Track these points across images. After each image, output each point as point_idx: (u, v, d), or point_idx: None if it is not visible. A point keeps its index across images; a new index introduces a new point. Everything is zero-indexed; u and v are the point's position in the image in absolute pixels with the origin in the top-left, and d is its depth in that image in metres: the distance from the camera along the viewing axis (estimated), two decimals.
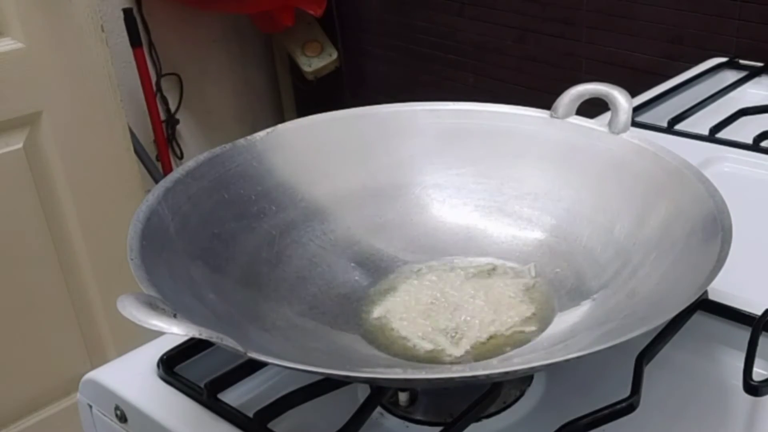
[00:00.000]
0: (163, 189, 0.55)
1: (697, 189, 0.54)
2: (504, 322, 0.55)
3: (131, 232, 0.50)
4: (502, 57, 1.57)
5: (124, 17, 1.62)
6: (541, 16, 1.47)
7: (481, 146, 0.65)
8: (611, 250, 0.57)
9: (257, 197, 0.60)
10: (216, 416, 0.51)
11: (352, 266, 0.60)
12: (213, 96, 1.94)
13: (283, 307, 0.56)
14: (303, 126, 0.65)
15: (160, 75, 1.79)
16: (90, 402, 0.58)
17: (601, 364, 0.54)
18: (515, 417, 0.51)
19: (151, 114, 1.73)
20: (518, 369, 0.46)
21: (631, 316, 0.50)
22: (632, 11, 1.32)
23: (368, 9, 1.81)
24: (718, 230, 0.49)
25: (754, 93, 1.01)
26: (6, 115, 1.13)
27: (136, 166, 1.32)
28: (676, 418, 0.51)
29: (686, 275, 0.48)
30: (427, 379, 0.50)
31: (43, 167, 1.18)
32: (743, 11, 1.17)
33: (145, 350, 0.58)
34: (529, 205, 0.63)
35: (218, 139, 1.84)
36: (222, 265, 0.55)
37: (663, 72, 1.22)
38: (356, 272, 0.60)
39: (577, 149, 0.62)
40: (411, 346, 0.54)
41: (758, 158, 0.82)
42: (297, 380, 0.50)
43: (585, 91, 0.63)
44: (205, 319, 0.48)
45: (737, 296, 0.56)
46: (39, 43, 1.14)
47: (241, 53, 1.94)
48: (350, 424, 0.47)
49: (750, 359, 0.50)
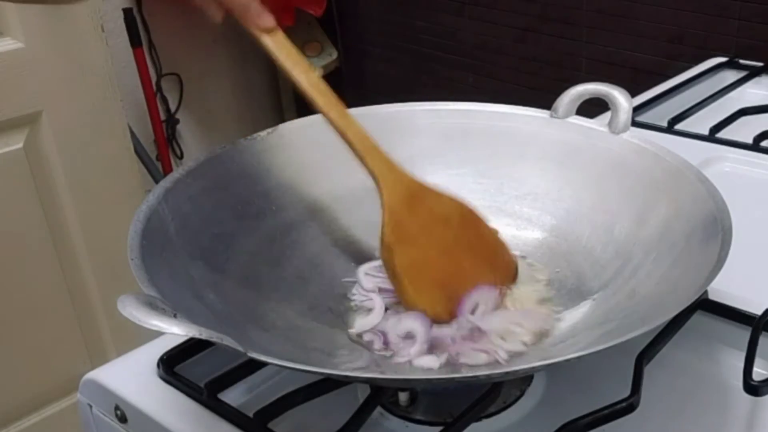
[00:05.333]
0: (163, 189, 0.55)
1: (697, 189, 0.54)
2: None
3: (131, 232, 0.50)
4: (502, 57, 1.57)
5: (124, 17, 1.62)
6: (541, 16, 1.47)
7: (481, 146, 0.65)
8: (611, 250, 0.57)
9: (257, 197, 0.60)
10: (216, 416, 0.51)
11: (352, 266, 0.60)
12: (213, 96, 1.94)
13: (283, 307, 0.56)
14: (303, 126, 0.65)
15: (160, 75, 1.79)
16: (90, 402, 0.58)
17: (601, 364, 0.54)
18: (515, 417, 0.51)
19: (151, 114, 1.73)
20: (518, 369, 0.46)
21: (631, 316, 0.50)
22: (632, 11, 1.32)
23: (368, 9, 1.81)
24: (718, 230, 0.49)
25: (754, 93, 1.01)
26: (6, 115, 1.13)
27: (136, 166, 1.32)
28: (676, 418, 0.51)
29: (686, 275, 0.48)
30: (427, 379, 0.50)
31: (43, 167, 1.18)
32: (743, 11, 1.17)
33: (145, 350, 0.58)
34: (529, 205, 0.63)
35: (218, 139, 1.84)
36: (222, 265, 0.55)
37: (663, 72, 1.22)
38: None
39: (577, 149, 0.62)
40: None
41: (758, 158, 0.82)
42: (297, 380, 0.50)
43: (585, 91, 0.63)
44: (205, 319, 0.48)
45: (737, 296, 0.56)
46: (39, 43, 1.14)
47: (241, 53, 1.94)
48: (350, 424, 0.47)
49: (750, 359, 0.50)
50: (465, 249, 0.57)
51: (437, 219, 0.56)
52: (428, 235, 0.56)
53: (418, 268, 0.54)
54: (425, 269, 0.54)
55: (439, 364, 0.50)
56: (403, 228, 0.55)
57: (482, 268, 0.56)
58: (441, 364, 0.50)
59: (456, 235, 0.56)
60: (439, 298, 0.54)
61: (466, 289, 0.54)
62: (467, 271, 0.56)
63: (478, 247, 0.57)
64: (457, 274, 0.55)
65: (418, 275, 0.54)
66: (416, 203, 0.55)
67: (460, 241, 0.57)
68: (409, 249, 0.54)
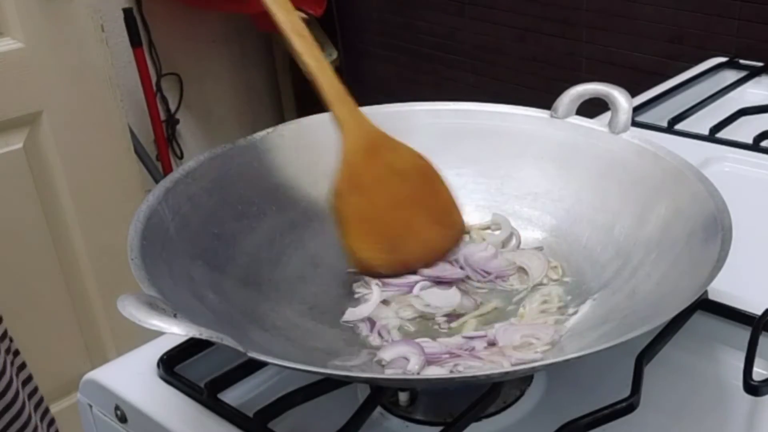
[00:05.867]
0: (163, 189, 0.55)
1: (697, 189, 0.54)
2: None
3: (131, 232, 0.50)
4: (502, 57, 1.57)
5: (124, 17, 1.62)
6: (541, 16, 1.47)
7: (481, 146, 0.65)
8: (611, 250, 0.57)
9: (257, 197, 0.60)
10: (216, 416, 0.51)
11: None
12: (213, 96, 1.94)
13: (283, 307, 0.56)
14: (303, 126, 0.65)
15: (160, 75, 1.79)
16: (90, 402, 0.58)
17: (601, 364, 0.54)
18: (515, 417, 0.51)
19: (151, 114, 1.73)
20: (518, 369, 0.46)
21: (631, 316, 0.50)
22: (632, 11, 1.32)
23: (368, 9, 1.81)
24: (718, 230, 0.49)
25: (754, 93, 1.01)
26: (6, 115, 1.13)
27: (136, 166, 1.33)
28: (676, 418, 0.51)
29: (686, 275, 0.48)
30: (427, 379, 0.50)
31: (43, 167, 1.18)
32: (743, 11, 1.17)
33: (145, 350, 0.58)
34: (529, 205, 0.63)
35: (218, 139, 1.84)
36: (222, 265, 0.55)
37: (663, 72, 1.22)
38: (356, 272, 0.60)
39: (577, 149, 0.62)
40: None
41: (758, 158, 0.82)
42: (297, 380, 0.50)
43: (585, 91, 0.63)
44: (205, 319, 0.48)
45: (737, 296, 0.56)
46: (39, 43, 1.14)
47: (241, 53, 1.94)
48: (350, 424, 0.47)
49: (750, 359, 0.50)
50: (416, 204, 0.58)
51: (393, 172, 0.57)
52: (381, 188, 0.57)
53: (365, 219, 0.55)
54: (372, 220, 0.56)
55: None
56: (358, 177, 0.56)
57: (431, 225, 0.57)
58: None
59: (410, 189, 0.58)
60: (379, 249, 0.55)
61: (411, 245, 0.56)
62: (415, 227, 0.57)
63: (430, 204, 0.58)
64: (405, 229, 0.56)
65: (364, 225, 0.55)
66: (375, 154, 0.56)
67: (413, 196, 0.58)
68: (359, 199, 0.56)
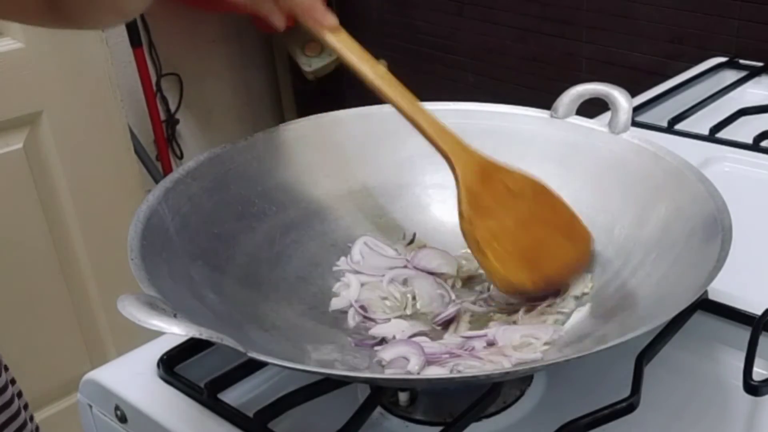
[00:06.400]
0: (163, 189, 0.55)
1: (697, 189, 0.54)
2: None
3: (131, 232, 0.50)
4: (502, 57, 1.57)
5: None
6: (541, 16, 1.47)
7: (481, 146, 0.65)
8: (611, 250, 0.57)
9: (257, 197, 0.60)
10: (216, 416, 0.51)
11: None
12: (213, 96, 1.94)
13: (283, 307, 0.56)
14: (303, 126, 0.65)
15: (160, 75, 1.79)
16: (90, 402, 0.58)
17: (601, 364, 0.54)
18: (515, 417, 0.51)
19: (151, 114, 1.72)
20: (518, 369, 0.46)
21: (631, 316, 0.50)
22: (632, 11, 1.32)
23: (368, 9, 1.81)
24: (718, 230, 0.49)
25: (754, 93, 1.01)
26: (6, 115, 1.13)
27: (136, 166, 1.32)
28: (676, 418, 0.51)
29: (686, 275, 0.48)
30: (428, 379, 0.50)
31: (43, 167, 1.18)
32: (743, 11, 1.17)
33: (145, 350, 0.58)
34: None
35: (218, 139, 1.84)
36: (222, 265, 0.55)
37: (663, 72, 1.22)
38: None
39: (577, 149, 0.62)
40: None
41: (758, 158, 0.82)
42: (297, 380, 0.50)
43: (585, 91, 0.63)
44: (205, 319, 0.48)
45: (737, 296, 0.56)
46: (39, 43, 1.14)
47: (241, 53, 1.94)
48: (350, 424, 0.47)
49: (750, 359, 0.50)
50: (542, 222, 0.58)
51: (511, 193, 0.58)
52: (504, 208, 0.57)
53: (498, 239, 0.56)
54: (505, 239, 0.56)
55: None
56: (480, 201, 0.56)
57: (560, 239, 0.58)
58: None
59: (531, 207, 0.58)
60: (521, 268, 0.55)
61: (546, 260, 0.56)
62: (545, 241, 0.57)
63: (553, 220, 0.58)
64: (536, 244, 0.57)
65: (499, 246, 0.56)
66: (489, 178, 0.57)
67: (537, 214, 0.58)
68: (487, 221, 0.56)
